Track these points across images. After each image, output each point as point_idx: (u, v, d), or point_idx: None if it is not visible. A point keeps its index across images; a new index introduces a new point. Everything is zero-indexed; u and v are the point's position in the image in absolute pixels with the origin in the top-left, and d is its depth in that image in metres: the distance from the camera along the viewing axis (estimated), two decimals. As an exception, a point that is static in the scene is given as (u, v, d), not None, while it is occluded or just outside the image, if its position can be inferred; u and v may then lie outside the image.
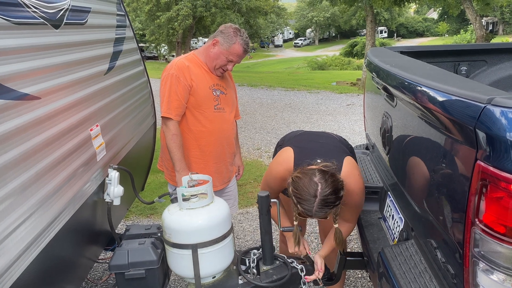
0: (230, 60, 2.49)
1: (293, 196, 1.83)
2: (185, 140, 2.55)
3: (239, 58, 2.50)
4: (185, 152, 2.56)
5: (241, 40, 2.45)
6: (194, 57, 2.56)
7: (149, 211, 4.39)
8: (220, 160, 2.67)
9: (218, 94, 2.58)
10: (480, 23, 12.55)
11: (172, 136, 2.46)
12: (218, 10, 23.97)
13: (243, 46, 2.47)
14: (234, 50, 2.45)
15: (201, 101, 2.50)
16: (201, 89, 2.49)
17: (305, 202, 1.79)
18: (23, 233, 1.50)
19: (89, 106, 2.15)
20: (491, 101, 1.12)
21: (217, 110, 2.57)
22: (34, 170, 1.58)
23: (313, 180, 1.79)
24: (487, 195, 1.14)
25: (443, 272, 1.46)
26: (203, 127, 2.54)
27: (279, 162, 2.16)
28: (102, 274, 3.27)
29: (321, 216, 1.84)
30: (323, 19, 61.45)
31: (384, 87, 1.98)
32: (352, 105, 9.60)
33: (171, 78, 2.43)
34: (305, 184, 1.79)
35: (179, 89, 2.43)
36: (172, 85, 2.43)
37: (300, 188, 1.80)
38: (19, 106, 1.53)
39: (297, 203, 1.82)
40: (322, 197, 1.77)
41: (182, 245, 2.01)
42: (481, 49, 2.90)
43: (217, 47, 2.47)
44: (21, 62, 1.60)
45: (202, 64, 2.54)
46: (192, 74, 2.46)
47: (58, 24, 1.97)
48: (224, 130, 2.63)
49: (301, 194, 1.80)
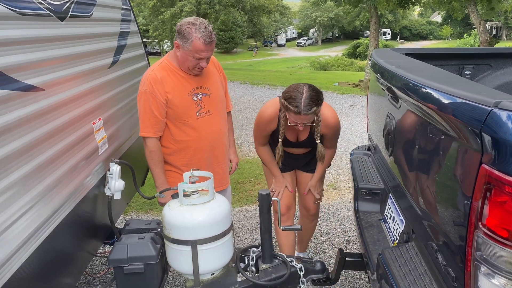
0: (198, 58, 2.28)
1: (284, 100, 2.32)
2: (172, 152, 2.48)
3: (206, 53, 2.28)
4: (174, 162, 2.50)
5: (199, 33, 2.21)
6: (167, 64, 2.39)
7: (149, 207, 4.39)
8: (212, 163, 2.58)
9: (200, 97, 2.43)
10: (484, 27, 12.54)
11: (150, 153, 2.39)
12: (222, 7, 23.96)
13: (203, 39, 2.22)
14: (195, 47, 2.23)
15: (181, 111, 2.38)
16: (179, 99, 2.36)
17: (295, 99, 2.28)
18: (23, 224, 1.50)
19: (92, 100, 2.15)
20: (498, 105, 1.11)
21: (201, 115, 2.44)
22: (36, 161, 1.58)
23: (300, 85, 2.35)
24: (491, 199, 1.13)
25: (444, 275, 1.45)
26: (188, 136, 2.44)
27: (267, 106, 2.62)
28: (101, 268, 3.27)
29: (308, 113, 2.29)
30: (326, 20, 61.38)
31: (389, 88, 1.98)
32: (354, 106, 9.59)
33: (145, 95, 2.30)
34: (294, 87, 2.34)
35: (154, 106, 2.30)
36: (147, 102, 2.30)
37: (290, 90, 2.33)
38: (23, 97, 1.53)
39: (288, 104, 2.29)
40: (308, 94, 2.28)
41: (182, 241, 2.01)
42: (486, 53, 2.89)
43: (180, 49, 2.29)
44: (26, 53, 1.60)
45: (176, 70, 2.38)
46: (166, 85, 2.32)
47: (64, 16, 1.96)
48: (211, 133, 2.52)
49: (291, 94, 2.30)
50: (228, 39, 45.79)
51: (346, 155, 5.89)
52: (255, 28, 41.20)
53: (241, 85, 13.34)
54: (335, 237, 3.73)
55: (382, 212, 2.40)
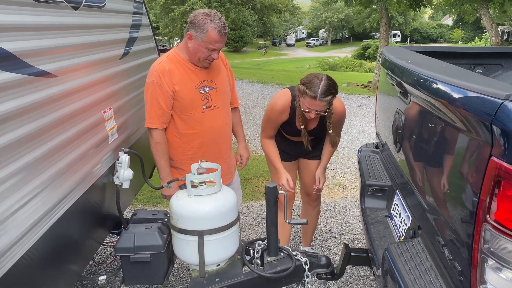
0: (211, 50, 2.28)
1: (302, 85, 2.40)
2: (177, 144, 2.48)
3: (219, 44, 2.28)
4: (179, 156, 2.50)
5: (214, 24, 2.22)
6: (175, 56, 2.38)
7: (156, 200, 4.42)
8: (216, 157, 2.55)
9: (207, 91, 2.44)
10: (496, 30, 12.44)
11: (155, 144, 2.40)
12: (232, 6, 23.98)
13: (218, 29, 2.23)
14: (210, 38, 2.23)
15: (187, 104, 2.38)
16: (186, 92, 2.36)
17: (313, 84, 2.36)
18: (32, 209, 1.52)
19: (103, 89, 2.17)
20: (509, 97, 1.11)
21: (206, 109, 2.45)
22: (47, 146, 1.60)
23: (319, 74, 2.46)
24: (500, 191, 1.13)
25: (450, 270, 1.45)
26: (193, 129, 2.44)
27: (278, 96, 2.67)
28: (107, 258, 3.30)
29: (324, 100, 2.37)
30: (336, 20, 61.19)
31: (399, 83, 1.97)
32: (362, 106, 9.56)
33: (152, 86, 2.31)
34: (314, 74, 2.44)
35: (161, 97, 2.31)
36: (153, 93, 2.31)
37: (310, 76, 2.42)
38: (36, 82, 1.55)
39: (305, 88, 2.37)
40: (326, 82, 2.38)
41: (189, 231, 2.02)
42: (498, 53, 2.87)
43: (193, 40, 2.28)
44: (40, 39, 1.62)
45: (184, 63, 2.37)
46: (174, 77, 2.32)
47: (77, 6, 1.99)
48: (217, 127, 2.52)
49: (310, 79, 2.39)
50: (238, 38, 45.81)
51: (353, 154, 5.88)
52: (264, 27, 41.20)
53: (250, 83, 13.35)
54: (340, 234, 3.73)
55: (389, 209, 2.39)
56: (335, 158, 5.85)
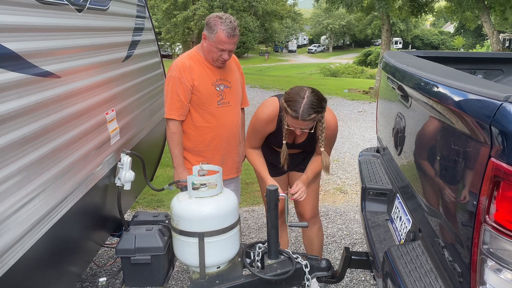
0: (221, 50, 2.44)
1: (284, 101, 2.23)
2: (191, 136, 2.61)
3: (228, 45, 2.43)
4: (191, 147, 2.63)
5: (223, 26, 2.38)
6: (195, 54, 2.57)
7: (156, 203, 4.42)
8: (226, 152, 2.71)
9: (222, 88, 2.60)
10: (497, 37, 12.48)
11: (172, 134, 2.54)
12: (234, 11, 24.06)
13: (227, 31, 2.38)
14: (219, 39, 2.40)
15: (204, 98, 2.53)
16: (204, 87, 2.52)
17: (295, 103, 2.18)
18: (33, 208, 1.52)
19: (106, 91, 2.19)
20: (508, 99, 1.12)
21: (221, 105, 2.60)
22: (50, 146, 1.61)
23: (303, 88, 2.25)
24: (500, 192, 1.14)
25: (449, 272, 1.45)
26: (208, 123, 2.58)
27: (265, 105, 2.50)
28: (107, 260, 3.30)
29: (307, 119, 2.19)
30: (338, 27, 61.39)
31: (399, 86, 1.99)
32: (363, 112, 9.58)
33: (173, 80, 2.48)
34: (297, 90, 2.24)
35: (181, 91, 2.47)
36: (174, 86, 2.47)
37: (292, 93, 2.23)
38: (39, 82, 1.56)
39: (287, 106, 2.20)
40: (309, 99, 2.18)
41: (189, 232, 2.03)
42: (499, 58, 2.89)
43: (206, 41, 2.46)
44: (44, 40, 1.64)
45: (203, 61, 2.55)
46: (194, 73, 2.49)
47: (81, 8, 2.01)
48: (229, 124, 2.66)
49: (292, 97, 2.21)
50: (240, 44, 45.97)
51: (354, 159, 5.88)
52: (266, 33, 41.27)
53: (251, 88, 13.38)
54: (341, 239, 3.72)
55: (389, 212, 2.39)
56: (336, 163, 5.85)
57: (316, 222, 2.82)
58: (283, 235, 2.93)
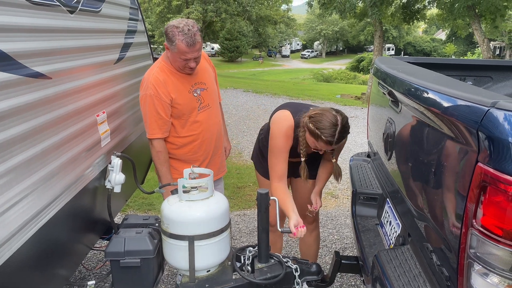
0: (185, 59, 2.33)
1: (315, 129, 2.12)
2: (178, 148, 2.56)
3: (191, 54, 2.31)
4: (180, 156, 2.59)
5: (181, 36, 2.25)
6: (164, 65, 2.45)
7: (147, 207, 4.40)
8: (214, 153, 2.72)
9: (199, 93, 2.53)
10: (488, 45, 12.64)
11: (157, 153, 2.47)
12: (228, 16, 24.15)
13: (186, 41, 2.26)
14: (179, 49, 2.29)
15: (184, 109, 2.47)
16: (182, 98, 2.44)
17: (328, 130, 2.10)
18: (21, 209, 1.51)
19: (97, 93, 2.18)
20: (495, 105, 1.14)
21: (201, 110, 2.55)
22: (39, 148, 1.60)
23: (332, 113, 2.14)
24: (486, 197, 1.15)
25: (438, 276, 1.46)
26: (193, 131, 2.54)
27: (280, 121, 2.35)
28: (97, 264, 3.27)
29: (339, 143, 2.18)
30: (331, 33, 61.83)
31: (390, 92, 2.01)
32: (355, 117, 9.63)
33: (150, 98, 2.37)
34: (328, 116, 2.12)
35: (160, 107, 2.38)
36: (152, 105, 2.37)
37: (324, 120, 2.11)
38: (30, 83, 1.56)
39: (320, 135, 2.11)
40: (342, 125, 2.12)
41: (179, 236, 2.02)
42: (488, 65, 2.93)
43: (169, 51, 2.37)
44: (35, 41, 1.63)
45: (174, 70, 2.44)
46: (169, 87, 2.39)
47: (73, 10, 2.00)
48: (213, 125, 2.64)
49: (325, 124, 2.10)
50: (233, 48, 46.05)
51: (346, 164, 5.90)
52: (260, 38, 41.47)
53: (244, 92, 13.40)
54: (331, 243, 3.73)
55: (379, 217, 2.41)
56: (328, 168, 5.86)
57: (316, 227, 2.83)
58: (279, 240, 2.93)
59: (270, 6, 28.64)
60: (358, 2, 14.37)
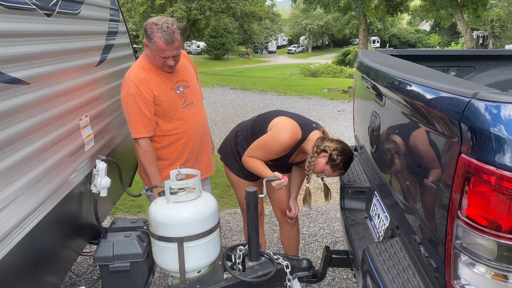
0: (163, 57, 2.31)
1: (340, 163, 2.31)
2: (164, 147, 2.52)
3: (170, 52, 2.29)
4: (166, 156, 2.54)
5: (160, 33, 2.23)
6: (145, 63, 2.42)
7: (136, 209, 4.36)
8: (201, 151, 2.69)
9: (182, 90, 2.51)
10: (471, 35, 12.77)
11: (144, 153, 2.42)
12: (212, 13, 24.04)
13: (164, 38, 2.23)
14: (158, 47, 2.26)
15: (169, 106, 2.44)
16: (164, 95, 2.41)
17: (348, 164, 2.36)
18: (4, 218, 1.48)
19: (79, 96, 2.15)
20: (475, 96, 1.14)
21: (186, 107, 2.52)
22: (20, 155, 1.57)
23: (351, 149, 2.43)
24: (470, 188, 1.16)
25: (426, 268, 1.47)
26: (178, 129, 2.51)
27: (287, 131, 2.40)
28: (86, 269, 3.24)
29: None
30: (316, 27, 61.95)
31: (374, 86, 2.01)
32: (342, 111, 9.66)
33: (132, 97, 2.33)
34: (349, 152, 2.36)
35: (143, 105, 2.34)
36: (135, 103, 2.33)
37: (347, 156, 2.34)
38: (7, 89, 1.52)
39: (342, 167, 2.33)
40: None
41: (168, 238, 2.00)
42: (470, 55, 2.95)
43: (148, 49, 2.34)
44: (11, 46, 1.59)
45: (154, 68, 2.42)
46: (151, 84, 2.36)
47: (50, 13, 1.96)
48: (198, 123, 2.62)
49: (346, 160, 2.34)
50: (219, 46, 45.90)
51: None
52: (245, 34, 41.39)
53: (232, 90, 13.37)
54: (322, 238, 3.74)
55: (368, 210, 2.42)
56: (317, 162, 5.87)
57: (296, 220, 2.87)
58: (262, 237, 2.93)
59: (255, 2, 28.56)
60: (341, -4, 14.42)
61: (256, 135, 2.54)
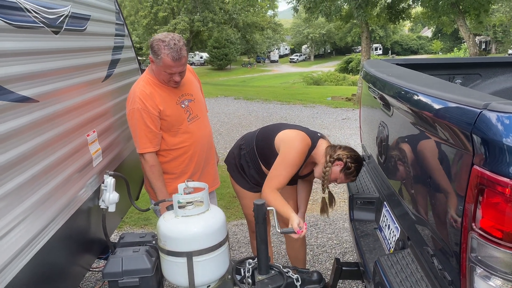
0: (170, 73, 2.33)
1: (354, 170, 2.35)
2: (170, 159, 2.52)
3: (176, 68, 2.31)
4: (172, 170, 2.55)
5: (167, 50, 2.24)
6: (150, 78, 2.43)
7: (143, 222, 4.35)
8: (206, 165, 2.69)
9: (187, 104, 2.52)
10: (474, 41, 12.76)
11: (151, 167, 2.42)
12: (215, 25, 24.22)
13: (171, 55, 2.25)
14: (165, 63, 2.28)
15: (174, 120, 2.44)
16: (170, 109, 2.42)
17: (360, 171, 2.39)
18: (15, 237, 1.48)
19: (86, 112, 2.16)
20: (487, 106, 1.14)
21: (191, 121, 2.53)
22: (29, 173, 1.58)
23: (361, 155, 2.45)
24: (484, 199, 1.14)
25: (440, 280, 1.45)
26: (184, 142, 2.51)
27: (298, 139, 2.43)
28: (95, 284, 3.22)
29: None
30: (318, 36, 62.16)
31: (381, 96, 2.00)
32: (347, 119, 9.65)
33: (138, 112, 2.34)
34: (360, 158, 2.39)
35: (149, 120, 2.35)
36: (140, 118, 2.34)
37: (359, 162, 2.37)
38: (17, 108, 1.53)
39: (356, 174, 2.38)
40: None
41: (177, 252, 1.99)
42: (476, 63, 2.95)
43: (154, 65, 2.35)
44: (20, 65, 1.60)
45: (159, 83, 2.43)
46: (156, 99, 2.37)
47: (58, 30, 1.98)
48: (203, 136, 2.62)
49: (361, 164, 2.40)
50: (222, 56, 46.11)
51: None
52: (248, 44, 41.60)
53: (235, 100, 13.40)
54: (331, 248, 3.71)
55: (378, 221, 2.40)
56: (323, 171, 5.85)
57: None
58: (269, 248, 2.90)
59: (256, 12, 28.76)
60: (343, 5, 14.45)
61: (261, 149, 2.57)
